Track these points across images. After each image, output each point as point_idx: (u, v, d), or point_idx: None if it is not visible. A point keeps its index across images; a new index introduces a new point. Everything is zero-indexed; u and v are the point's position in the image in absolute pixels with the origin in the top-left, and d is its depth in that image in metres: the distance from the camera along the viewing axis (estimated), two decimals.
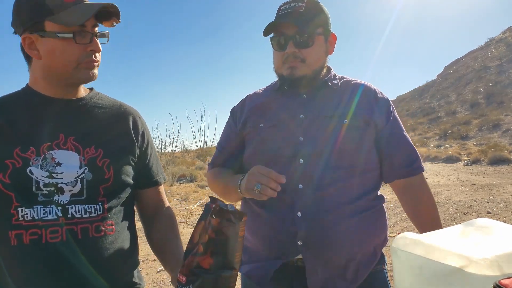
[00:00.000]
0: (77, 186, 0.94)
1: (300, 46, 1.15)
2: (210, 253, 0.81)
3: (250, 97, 1.35)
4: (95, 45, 0.96)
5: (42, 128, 0.96)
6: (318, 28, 1.18)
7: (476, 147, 12.47)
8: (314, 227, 1.10)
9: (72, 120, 1.00)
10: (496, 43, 34.99)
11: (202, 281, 0.80)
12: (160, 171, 1.19)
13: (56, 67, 0.95)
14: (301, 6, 1.14)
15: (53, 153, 0.94)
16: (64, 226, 0.91)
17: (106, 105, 1.08)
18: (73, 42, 0.92)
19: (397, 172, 1.23)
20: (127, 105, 1.15)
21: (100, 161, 0.98)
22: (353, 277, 1.13)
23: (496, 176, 7.96)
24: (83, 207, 0.94)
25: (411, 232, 0.72)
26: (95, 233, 0.94)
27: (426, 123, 23.02)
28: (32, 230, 0.89)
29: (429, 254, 0.64)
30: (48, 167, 0.92)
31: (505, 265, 0.56)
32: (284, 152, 1.16)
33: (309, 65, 1.17)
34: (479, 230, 0.71)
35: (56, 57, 0.93)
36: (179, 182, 10.30)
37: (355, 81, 1.28)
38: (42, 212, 0.90)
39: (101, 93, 1.12)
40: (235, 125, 1.33)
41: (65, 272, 0.91)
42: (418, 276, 0.66)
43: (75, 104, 1.02)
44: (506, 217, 4.75)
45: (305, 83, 1.20)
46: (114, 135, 1.04)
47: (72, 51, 0.93)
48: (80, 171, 0.95)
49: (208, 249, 0.81)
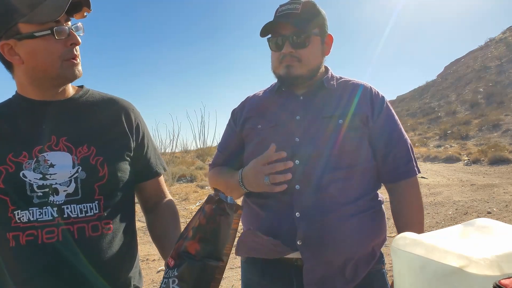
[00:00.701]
0: (71, 186, 0.94)
1: (296, 47, 1.17)
2: (198, 239, 0.80)
3: (250, 99, 1.38)
4: (75, 38, 0.94)
5: (33, 132, 0.96)
6: (314, 29, 1.19)
7: (476, 147, 12.48)
8: (313, 227, 1.11)
9: (63, 121, 0.99)
10: (496, 43, 34.99)
11: (186, 266, 0.78)
12: (159, 162, 1.17)
13: (41, 67, 0.93)
14: (298, 8, 1.17)
15: (45, 155, 0.94)
16: (60, 226, 0.91)
17: (97, 102, 1.07)
18: (52, 38, 0.90)
19: (387, 175, 1.22)
20: (119, 98, 1.12)
21: (93, 159, 0.97)
22: (351, 276, 1.14)
23: (496, 176, 7.97)
24: (79, 207, 0.94)
25: (411, 232, 0.72)
26: (92, 232, 0.94)
27: (426, 123, 23.03)
28: (28, 231, 0.90)
29: (429, 254, 0.64)
30: (41, 169, 0.93)
31: (505, 265, 0.56)
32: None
33: (305, 65, 1.19)
34: (479, 230, 0.71)
35: (39, 57, 0.92)
36: (179, 182, 10.30)
37: (352, 81, 1.28)
38: (37, 214, 0.91)
39: (92, 90, 1.10)
40: (235, 126, 1.35)
41: (62, 272, 0.92)
42: (418, 276, 0.66)
43: (65, 104, 1.01)
44: (506, 217, 4.76)
45: (301, 82, 1.22)
46: (107, 131, 1.03)
47: (54, 48, 0.91)
48: (73, 170, 0.95)
49: (197, 235, 0.80)
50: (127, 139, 1.06)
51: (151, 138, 1.19)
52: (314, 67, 1.22)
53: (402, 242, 0.70)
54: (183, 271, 0.78)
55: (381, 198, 1.25)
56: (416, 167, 1.23)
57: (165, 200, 1.17)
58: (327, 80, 1.25)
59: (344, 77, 1.30)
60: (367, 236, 1.15)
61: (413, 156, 1.24)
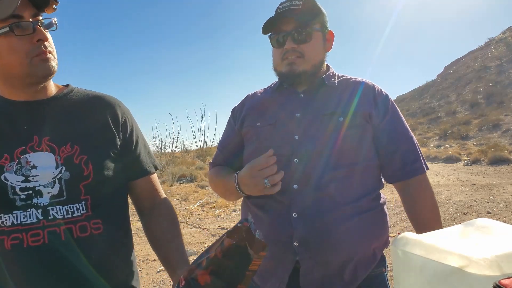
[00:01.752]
0: (55, 187, 0.91)
1: (298, 42, 1.16)
2: (210, 271, 0.75)
3: (250, 97, 1.37)
4: (40, 34, 0.90)
5: (14, 133, 0.93)
6: (316, 25, 1.19)
7: (476, 147, 12.47)
8: (311, 228, 1.09)
9: (45, 121, 0.96)
10: (496, 43, 34.97)
11: None
12: (150, 160, 1.12)
13: (9, 67, 0.90)
14: (298, 4, 1.17)
15: (27, 157, 0.91)
16: (46, 228, 0.88)
17: (82, 100, 1.03)
18: (14, 35, 0.86)
19: (395, 174, 1.21)
20: (105, 95, 1.09)
21: (77, 158, 0.94)
22: (350, 278, 1.11)
23: (496, 176, 7.96)
24: (65, 208, 0.91)
25: (411, 232, 0.72)
26: (80, 233, 0.91)
27: (426, 123, 23.01)
28: (13, 235, 0.88)
29: (429, 254, 0.64)
30: (23, 171, 0.90)
31: (505, 265, 0.56)
32: (281, 151, 1.15)
33: (308, 60, 1.18)
34: (479, 230, 0.71)
35: (3, 56, 0.88)
36: (179, 182, 10.30)
37: (354, 79, 1.27)
38: (21, 217, 0.88)
39: (77, 88, 1.07)
40: (235, 124, 1.34)
41: (49, 275, 0.89)
42: (418, 276, 0.66)
43: (47, 104, 0.98)
44: (506, 217, 4.75)
45: (304, 79, 1.21)
46: (91, 129, 0.99)
47: (17, 45, 0.87)
48: (56, 171, 0.92)
49: (209, 267, 0.76)
50: (112, 137, 1.02)
51: (142, 136, 1.15)
52: (317, 63, 1.21)
53: (402, 242, 0.70)
54: None
55: (384, 198, 1.23)
56: (424, 164, 1.21)
57: (160, 203, 1.12)
58: (328, 77, 1.24)
59: (346, 75, 1.29)
60: (367, 238, 1.13)
61: (421, 154, 1.22)
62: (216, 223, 5.97)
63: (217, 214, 6.55)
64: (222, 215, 6.49)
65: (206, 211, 6.90)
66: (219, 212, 6.67)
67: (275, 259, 1.14)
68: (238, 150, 1.32)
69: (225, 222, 5.95)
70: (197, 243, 4.81)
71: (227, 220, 6.11)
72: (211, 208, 7.07)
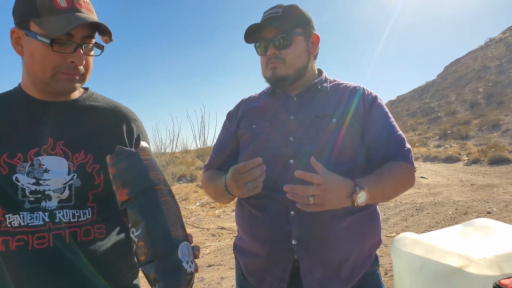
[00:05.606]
0: (65, 193, 0.91)
1: (279, 48, 1.20)
2: (121, 185, 0.85)
3: (245, 101, 1.39)
4: (77, 57, 0.92)
5: (30, 132, 0.93)
6: (296, 29, 1.22)
7: (476, 147, 12.49)
8: (308, 226, 1.11)
9: (62, 124, 0.96)
10: (496, 43, 35.02)
11: (128, 211, 0.84)
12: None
13: (34, 71, 0.92)
14: (279, 11, 1.21)
15: (40, 159, 0.91)
16: (52, 231, 0.89)
17: (100, 107, 1.04)
18: (51, 49, 0.89)
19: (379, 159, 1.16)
20: (122, 106, 1.10)
21: (90, 167, 0.94)
22: (347, 277, 1.13)
23: (496, 176, 7.97)
24: (71, 212, 0.91)
25: (411, 232, 0.72)
26: (83, 237, 0.92)
27: (426, 123, 23.04)
28: (18, 236, 0.87)
29: (429, 254, 0.64)
30: (35, 174, 0.90)
31: (505, 265, 0.57)
32: (277, 153, 1.18)
33: (290, 65, 1.21)
34: (479, 230, 0.71)
35: (34, 60, 0.91)
36: (179, 182, 10.31)
37: (345, 84, 1.30)
38: (28, 219, 0.88)
39: (96, 94, 1.08)
40: (230, 126, 1.36)
41: (52, 277, 0.89)
42: (418, 276, 0.66)
43: (66, 106, 0.99)
44: (506, 217, 4.76)
45: (289, 83, 1.24)
46: (106, 139, 1.00)
47: (50, 57, 0.90)
48: (68, 177, 0.92)
49: (117, 183, 0.85)
50: None
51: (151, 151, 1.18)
52: (300, 67, 1.24)
53: (402, 242, 0.70)
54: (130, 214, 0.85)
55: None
56: (412, 159, 1.17)
57: None
58: (320, 82, 1.28)
59: (338, 80, 1.33)
60: (362, 237, 1.15)
61: (409, 147, 1.19)
62: (216, 223, 5.97)
63: (217, 214, 6.55)
64: (222, 215, 6.49)
65: (206, 211, 6.90)
66: (219, 212, 6.67)
67: (271, 258, 1.16)
68: (233, 153, 1.34)
69: (225, 222, 5.96)
70: (197, 243, 4.82)
71: (227, 220, 6.12)
72: (211, 208, 7.07)
